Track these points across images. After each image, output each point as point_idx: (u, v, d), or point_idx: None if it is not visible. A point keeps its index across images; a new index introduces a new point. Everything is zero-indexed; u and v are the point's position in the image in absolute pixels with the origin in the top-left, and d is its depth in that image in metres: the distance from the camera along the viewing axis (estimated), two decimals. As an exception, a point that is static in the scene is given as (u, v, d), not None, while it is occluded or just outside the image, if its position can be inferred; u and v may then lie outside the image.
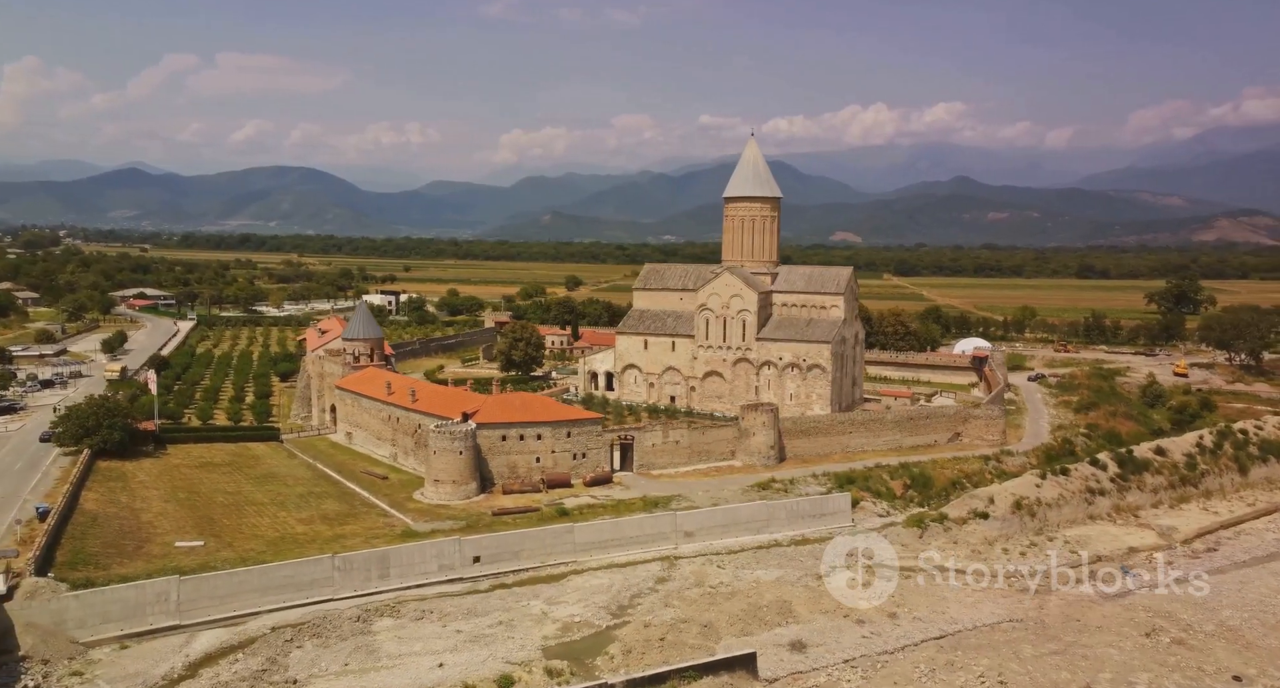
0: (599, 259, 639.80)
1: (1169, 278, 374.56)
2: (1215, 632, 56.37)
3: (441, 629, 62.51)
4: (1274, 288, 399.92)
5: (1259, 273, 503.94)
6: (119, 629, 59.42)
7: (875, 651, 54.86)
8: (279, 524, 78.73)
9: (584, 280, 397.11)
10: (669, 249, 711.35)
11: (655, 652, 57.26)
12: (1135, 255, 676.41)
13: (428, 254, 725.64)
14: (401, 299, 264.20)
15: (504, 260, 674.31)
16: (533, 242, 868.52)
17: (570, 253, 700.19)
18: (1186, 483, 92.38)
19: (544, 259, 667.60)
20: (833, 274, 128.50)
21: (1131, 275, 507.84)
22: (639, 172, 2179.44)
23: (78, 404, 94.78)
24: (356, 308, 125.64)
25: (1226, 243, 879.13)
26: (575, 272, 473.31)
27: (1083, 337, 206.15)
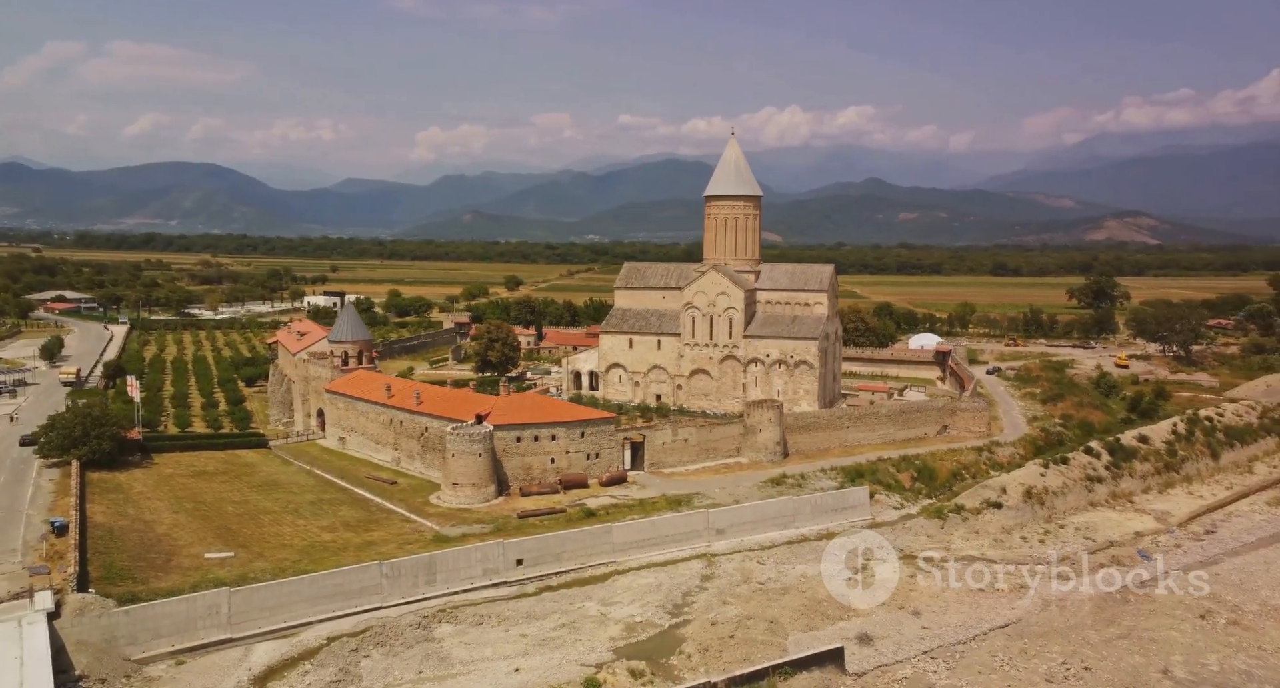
0: (529, 259, 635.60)
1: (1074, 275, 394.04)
2: (1261, 611, 60.11)
3: (505, 634, 61.90)
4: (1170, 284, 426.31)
5: (1152, 270, 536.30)
6: (170, 645, 57.18)
7: (949, 641, 56.60)
8: (302, 533, 76.31)
9: (523, 280, 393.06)
10: (599, 248, 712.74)
11: (731, 649, 57.87)
12: (1041, 253, 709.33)
13: (350, 254, 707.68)
14: (347, 300, 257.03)
15: (431, 260, 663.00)
16: (456, 241, 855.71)
17: (499, 252, 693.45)
18: (1170, 469, 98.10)
19: (472, 259, 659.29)
20: (815, 272, 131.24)
21: (1040, 272, 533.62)
22: (560, 171, 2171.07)
23: (61, 413, 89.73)
24: (342, 309, 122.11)
25: (1116, 242, 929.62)
26: (506, 271, 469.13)
27: (1022, 331, 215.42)
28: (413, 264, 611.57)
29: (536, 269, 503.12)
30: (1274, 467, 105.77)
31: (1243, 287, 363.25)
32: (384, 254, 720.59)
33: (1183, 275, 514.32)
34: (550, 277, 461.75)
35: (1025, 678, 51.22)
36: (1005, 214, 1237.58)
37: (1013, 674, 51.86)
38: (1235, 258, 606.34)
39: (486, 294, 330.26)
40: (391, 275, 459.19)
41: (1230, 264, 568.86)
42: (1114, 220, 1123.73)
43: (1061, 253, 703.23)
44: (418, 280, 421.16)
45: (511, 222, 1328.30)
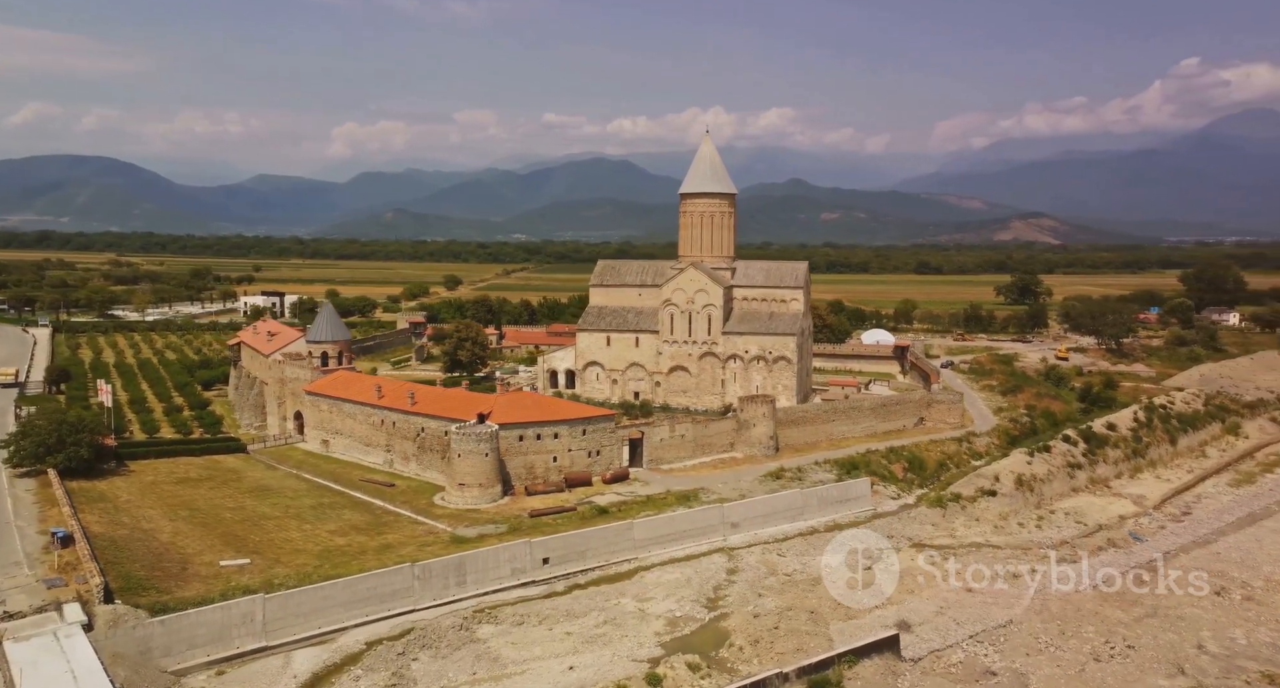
0: (460, 258, 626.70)
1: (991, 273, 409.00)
2: (1268, 587, 63.97)
3: (549, 633, 61.56)
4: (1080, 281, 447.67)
5: (1059, 269, 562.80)
6: (206, 655, 55.29)
7: (989, 625, 58.51)
8: (311, 538, 74.08)
9: (461, 279, 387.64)
10: (531, 247, 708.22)
11: (782, 640, 58.80)
12: (958, 252, 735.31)
13: (270, 253, 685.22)
14: (287, 300, 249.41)
15: (358, 259, 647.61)
16: (382, 240, 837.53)
17: (428, 252, 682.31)
18: (1137, 454, 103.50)
19: (401, 258, 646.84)
20: (790, 269, 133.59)
21: (961, 271, 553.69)
22: (485, 168, 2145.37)
23: (33, 420, 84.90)
24: (321, 309, 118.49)
25: (1023, 242, 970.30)
26: (438, 271, 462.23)
27: (963, 326, 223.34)
28: (339, 263, 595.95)
29: (471, 268, 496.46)
30: (1223, 450, 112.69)
31: (1149, 284, 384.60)
32: (306, 253, 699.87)
33: (1087, 273, 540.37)
34: (486, 276, 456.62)
35: (1073, 658, 53.58)
36: (920, 215, 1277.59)
37: (1060, 655, 54.12)
38: (1133, 257, 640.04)
39: (428, 293, 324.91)
40: (319, 275, 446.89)
41: (1129, 263, 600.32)
42: (1019, 221, 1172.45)
43: (977, 252, 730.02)
44: (350, 280, 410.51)
45: (436, 220, 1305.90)
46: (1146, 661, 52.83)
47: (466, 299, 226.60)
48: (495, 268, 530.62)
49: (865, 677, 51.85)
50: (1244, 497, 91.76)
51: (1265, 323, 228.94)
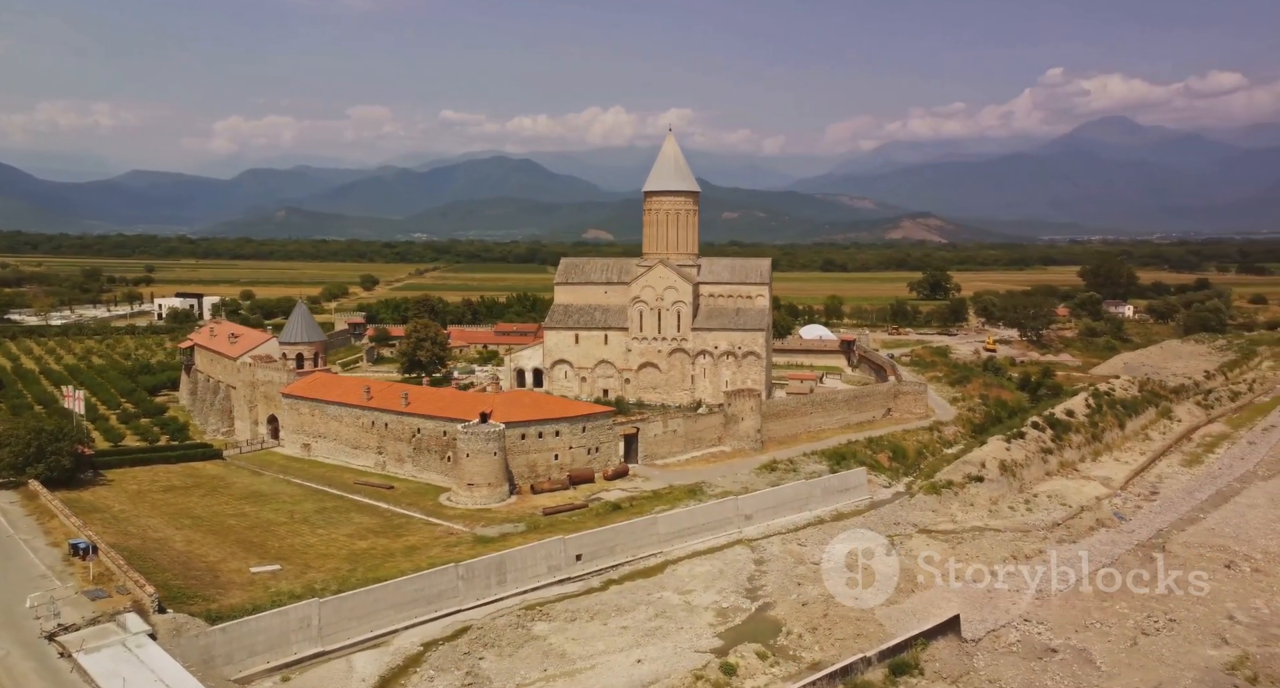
0: (365, 257, 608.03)
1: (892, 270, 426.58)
2: (1267, 558, 68.92)
3: (604, 628, 61.90)
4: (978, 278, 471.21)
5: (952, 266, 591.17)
6: (266, 661, 54.16)
7: (1026, 605, 61.30)
8: (330, 542, 72.14)
9: (378, 279, 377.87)
10: (439, 247, 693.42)
11: (839, 625, 60.68)
12: (860, 250, 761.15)
13: (156, 253, 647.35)
14: (206, 302, 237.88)
15: (254, 259, 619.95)
16: (280, 239, 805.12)
17: (332, 251, 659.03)
18: (1095, 439, 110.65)
19: (302, 258, 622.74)
20: (754, 265, 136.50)
21: (864, 268, 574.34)
22: (381, 166, 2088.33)
23: (11, 429, 79.21)
24: (295, 309, 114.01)
25: (914, 240, 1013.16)
26: (345, 271, 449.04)
27: (890, 321, 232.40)
28: (237, 263, 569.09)
29: (380, 268, 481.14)
30: (1163, 433, 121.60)
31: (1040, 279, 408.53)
32: (198, 253, 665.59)
33: (979, 270, 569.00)
34: (398, 276, 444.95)
35: (1121, 632, 57.10)
36: (816, 214, 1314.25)
37: (1108, 631, 57.43)
38: (1017, 255, 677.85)
39: (346, 294, 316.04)
40: (220, 275, 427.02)
41: (1015, 260, 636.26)
42: (909, 221, 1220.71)
43: (876, 250, 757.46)
44: (255, 281, 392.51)
45: (331, 219, 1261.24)
46: (1191, 633, 56.97)
47: (404, 299, 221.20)
48: (406, 268, 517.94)
49: (941, 658, 54.23)
50: (1201, 476, 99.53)
51: (1159, 314, 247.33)
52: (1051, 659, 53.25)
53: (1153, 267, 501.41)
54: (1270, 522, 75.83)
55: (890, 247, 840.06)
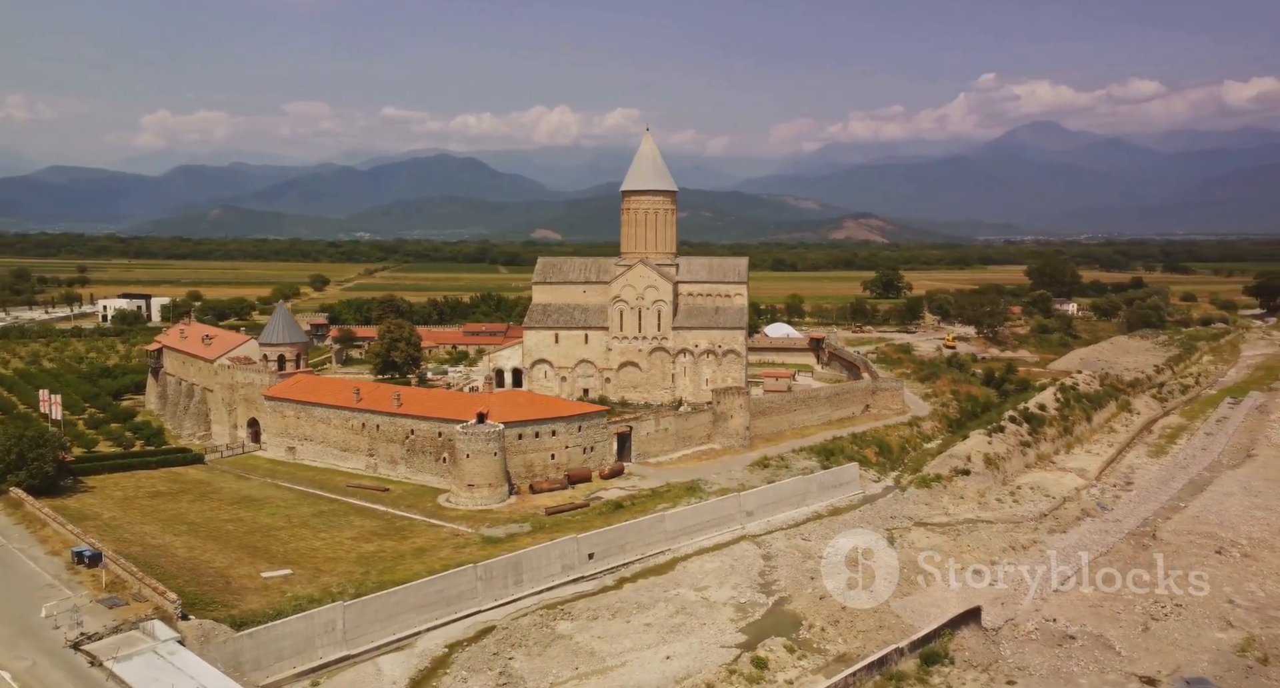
0: (310, 257, 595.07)
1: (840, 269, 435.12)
2: (1252, 544, 71.56)
3: (627, 625, 62.03)
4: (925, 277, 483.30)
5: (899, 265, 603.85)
6: (292, 667, 53.41)
7: (1035, 594, 63.02)
8: (337, 546, 70.91)
9: (329, 279, 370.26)
10: (387, 247, 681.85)
11: (859, 618, 61.78)
12: (807, 250, 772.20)
13: (85, 252, 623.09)
14: (155, 303, 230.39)
15: (192, 259, 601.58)
16: (220, 238, 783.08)
17: (274, 250, 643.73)
18: (1066, 432, 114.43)
19: (243, 257, 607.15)
20: (732, 264, 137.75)
21: (813, 268, 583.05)
22: (320, 163, 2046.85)
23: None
24: (276, 310, 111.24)
25: (858, 240, 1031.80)
26: (289, 271, 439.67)
27: (851, 319, 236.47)
28: (173, 263, 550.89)
29: (328, 268, 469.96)
30: (1125, 425, 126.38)
31: (986, 278, 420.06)
32: (130, 252, 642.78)
33: (923, 269, 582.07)
34: (347, 276, 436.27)
35: (1131, 619, 58.98)
36: (761, 214, 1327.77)
37: (1119, 618, 59.15)
38: (957, 255, 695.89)
39: (298, 294, 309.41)
40: (157, 275, 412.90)
41: (956, 260, 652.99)
42: (851, 221, 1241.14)
43: (824, 250, 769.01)
44: (197, 281, 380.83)
45: (269, 218, 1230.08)
46: (1198, 617, 59.28)
47: (368, 299, 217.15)
48: (354, 267, 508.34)
49: (970, 646, 55.61)
50: (1169, 466, 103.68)
51: (1102, 311, 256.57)
52: (1072, 646, 55.13)
53: (1084, 266, 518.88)
54: (1248, 509, 79.41)
55: (836, 246, 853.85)
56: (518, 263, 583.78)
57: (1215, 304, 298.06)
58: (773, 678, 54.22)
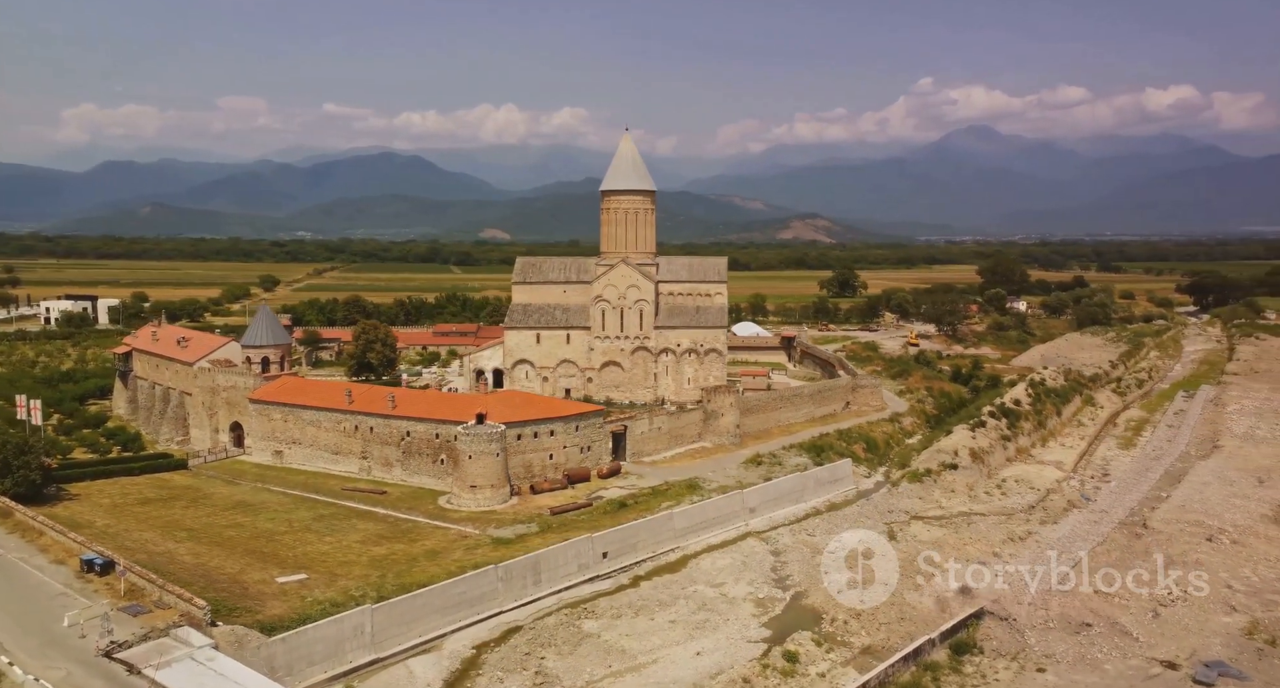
0: (252, 257, 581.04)
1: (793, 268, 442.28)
2: (1238, 531, 73.92)
3: (651, 623, 62.31)
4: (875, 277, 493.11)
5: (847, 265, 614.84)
6: (324, 671, 53.12)
7: (1046, 584, 64.51)
8: (346, 549, 69.82)
9: (279, 279, 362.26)
10: (333, 246, 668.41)
11: (880, 610, 62.79)
12: (758, 250, 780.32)
13: (7, 252, 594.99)
14: (102, 305, 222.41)
15: (125, 258, 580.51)
16: (151, 238, 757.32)
17: (214, 250, 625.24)
18: (1040, 426, 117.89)
19: (180, 257, 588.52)
20: (712, 264, 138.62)
21: (766, 267, 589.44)
22: (257, 161, 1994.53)
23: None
24: (258, 311, 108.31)
25: (806, 240, 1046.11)
26: (230, 271, 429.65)
27: (813, 318, 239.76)
28: (107, 263, 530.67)
29: (273, 268, 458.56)
30: (1092, 418, 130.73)
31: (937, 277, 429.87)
32: (58, 252, 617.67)
33: (871, 269, 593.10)
34: (295, 276, 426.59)
35: (1141, 606, 60.40)
36: (710, 214, 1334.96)
37: (1129, 605, 60.46)
38: (903, 255, 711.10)
39: (249, 295, 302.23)
40: (91, 276, 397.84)
41: (902, 259, 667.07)
42: (798, 221, 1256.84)
43: (774, 250, 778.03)
44: (135, 282, 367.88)
45: (203, 216, 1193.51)
46: (1204, 601, 61.23)
47: (340, 301, 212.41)
48: (299, 267, 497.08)
49: (996, 635, 57.03)
50: (1141, 458, 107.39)
51: (1052, 309, 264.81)
52: (1090, 633, 56.92)
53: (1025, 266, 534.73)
54: (1227, 497, 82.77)
55: (785, 246, 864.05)
56: (470, 263, 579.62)
57: (1153, 302, 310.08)
58: (805, 671, 54.90)
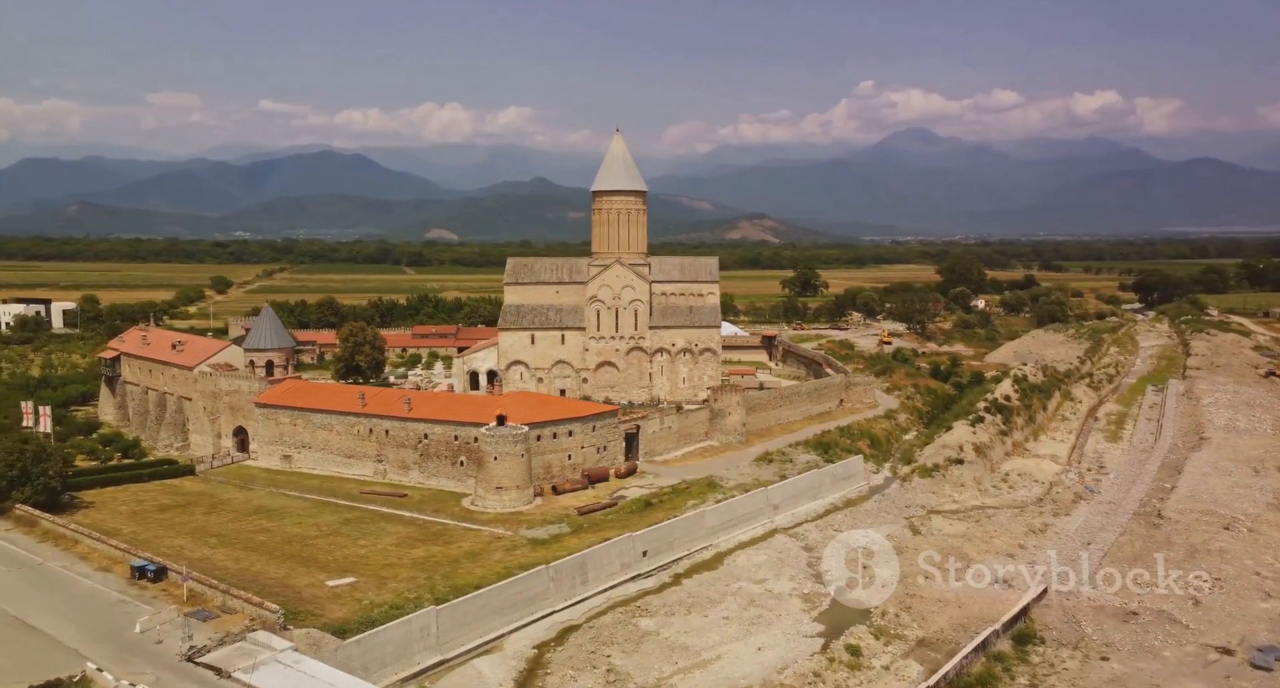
0: (194, 258, 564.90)
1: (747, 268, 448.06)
2: (1250, 520, 76.42)
3: (705, 620, 62.77)
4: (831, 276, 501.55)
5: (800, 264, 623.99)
6: (395, 673, 52.70)
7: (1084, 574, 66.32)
8: (384, 553, 69.15)
9: (232, 281, 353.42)
10: (279, 247, 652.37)
11: (927, 603, 64.15)
12: (711, 249, 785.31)
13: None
14: (56, 308, 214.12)
15: (56, 260, 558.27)
16: (85, 238, 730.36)
17: (153, 250, 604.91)
18: (1031, 421, 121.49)
19: (116, 258, 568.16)
20: (704, 264, 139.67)
21: (722, 268, 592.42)
22: (192, 158, 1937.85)
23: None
24: (261, 314, 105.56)
25: (755, 240, 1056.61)
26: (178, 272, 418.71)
27: (783, 317, 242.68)
28: (38, 265, 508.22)
29: (217, 269, 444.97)
30: (1075, 412, 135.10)
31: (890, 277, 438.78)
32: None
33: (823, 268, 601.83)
34: (242, 277, 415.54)
35: (1180, 594, 62.88)
36: (658, 214, 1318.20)
37: (1168, 594, 62.37)
38: (853, 254, 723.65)
39: (203, 298, 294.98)
40: (24, 277, 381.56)
41: (853, 259, 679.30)
42: (746, 222, 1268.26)
43: (725, 249, 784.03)
44: (74, 284, 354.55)
45: (134, 215, 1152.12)
46: (1240, 589, 63.30)
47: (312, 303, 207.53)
48: (246, 269, 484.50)
49: (1055, 626, 58.60)
50: (1130, 450, 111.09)
51: (1010, 307, 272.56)
52: (1137, 621, 58.88)
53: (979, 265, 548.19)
54: (1230, 487, 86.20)
55: (735, 246, 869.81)
56: (422, 263, 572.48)
57: (1101, 300, 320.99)
58: (870, 664, 55.97)
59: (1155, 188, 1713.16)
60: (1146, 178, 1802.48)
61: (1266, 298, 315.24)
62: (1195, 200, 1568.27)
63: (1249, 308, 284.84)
